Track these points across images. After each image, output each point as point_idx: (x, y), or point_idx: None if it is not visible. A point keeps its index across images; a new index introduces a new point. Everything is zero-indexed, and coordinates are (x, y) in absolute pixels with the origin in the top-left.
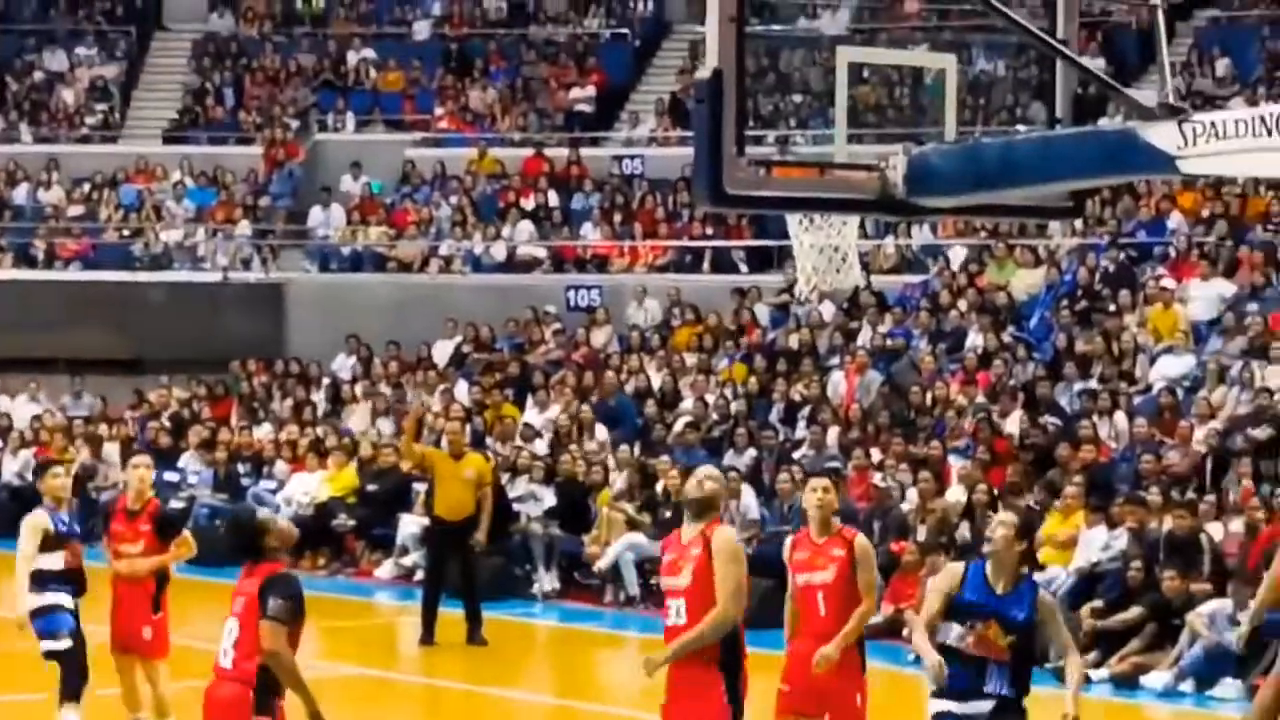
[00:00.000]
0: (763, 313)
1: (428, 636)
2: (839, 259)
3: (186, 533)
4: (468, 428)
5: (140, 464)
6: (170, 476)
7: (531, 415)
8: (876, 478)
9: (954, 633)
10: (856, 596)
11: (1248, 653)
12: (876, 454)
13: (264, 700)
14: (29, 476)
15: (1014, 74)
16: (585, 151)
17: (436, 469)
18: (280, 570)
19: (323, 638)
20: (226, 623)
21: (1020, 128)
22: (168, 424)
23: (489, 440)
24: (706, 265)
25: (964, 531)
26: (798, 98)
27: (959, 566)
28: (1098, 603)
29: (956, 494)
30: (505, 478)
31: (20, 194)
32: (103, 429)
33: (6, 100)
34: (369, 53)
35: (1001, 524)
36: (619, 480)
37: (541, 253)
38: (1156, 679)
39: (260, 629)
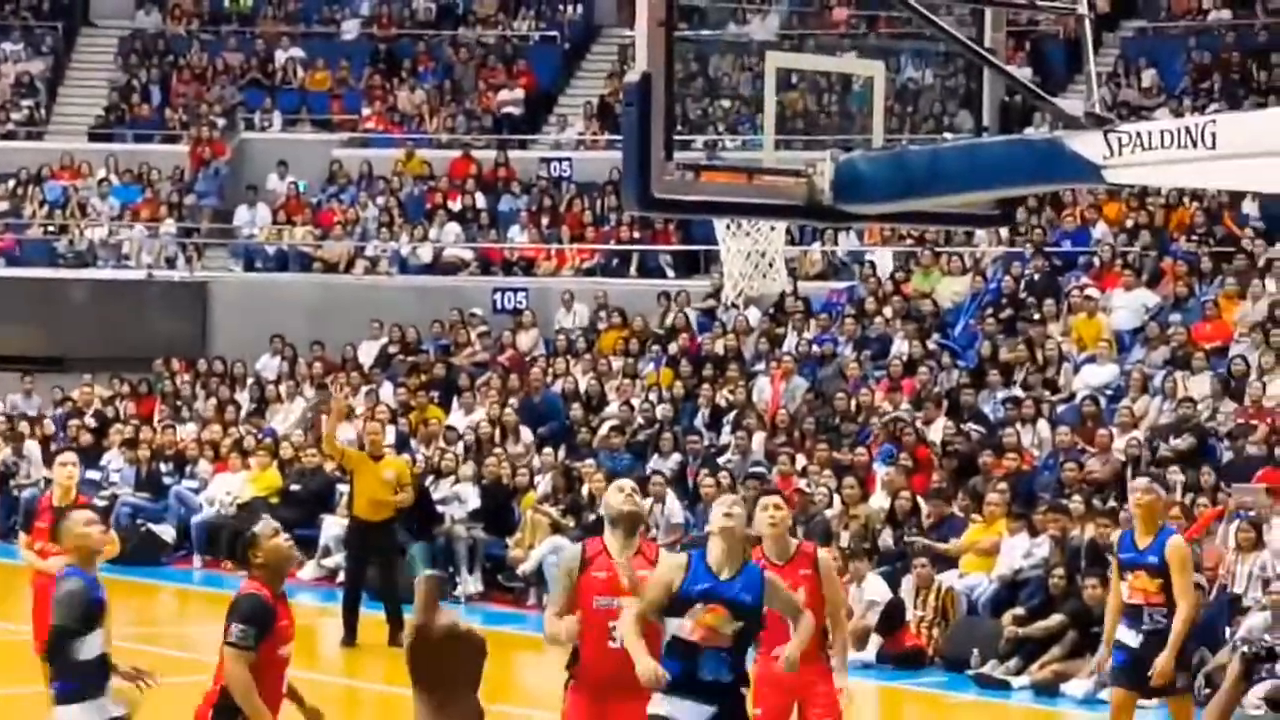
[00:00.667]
0: (689, 318)
1: (349, 638)
2: (765, 264)
3: (111, 532)
4: (392, 429)
5: (67, 462)
6: (93, 475)
7: (456, 418)
8: (801, 483)
9: (675, 624)
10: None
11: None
12: (801, 460)
13: None
14: None
15: (941, 82)
16: (513, 154)
17: (356, 470)
18: (250, 591)
19: None
20: None
21: (948, 136)
22: (91, 422)
23: (413, 442)
24: (633, 269)
25: (886, 538)
26: (726, 103)
27: (681, 557)
28: (1019, 610)
29: (880, 500)
30: (429, 480)
31: None
32: (24, 426)
33: None
34: (297, 52)
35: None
36: (543, 483)
37: (468, 255)
38: (1077, 686)
39: (222, 653)
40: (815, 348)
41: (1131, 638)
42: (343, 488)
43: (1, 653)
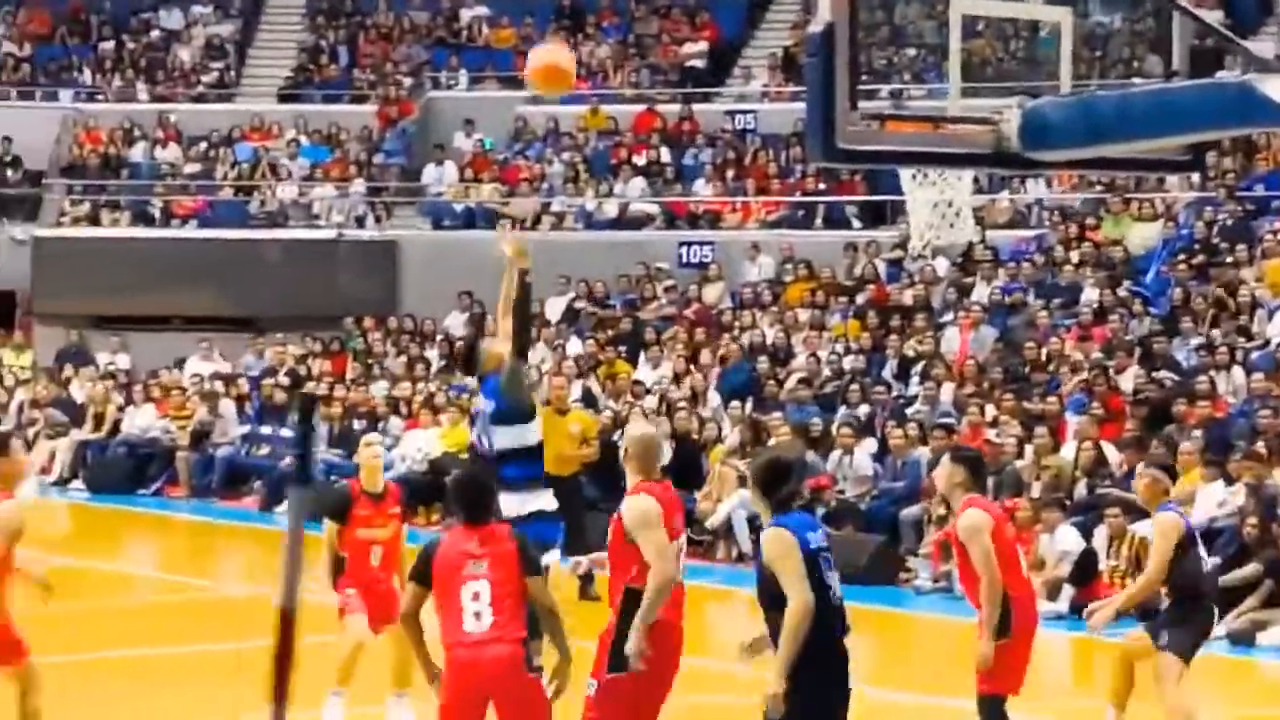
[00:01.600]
0: (876, 268)
1: None
2: (952, 214)
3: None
4: (579, 384)
5: (372, 442)
6: (285, 433)
7: (644, 372)
8: (990, 434)
9: None
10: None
11: None
12: (991, 410)
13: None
14: (152, 433)
15: (1130, 26)
16: (698, 107)
17: (542, 426)
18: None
19: None
20: (467, 586)
21: (1137, 81)
22: (284, 381)
23: (600, 397)
24: (819, 221)
25: (1080, 488)
26: (911, 51)
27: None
28: (1215, 559)
29: (1071, 451)
30: (617, 434)
31: (137, 153)
32: (218, 386)
33: (123, 59)
34: (482, 9)
35: None
36: (731, 437)
37: (654, 209)
38: (1274, 635)
39: (533, 585)
40: (1006, 297)
41: None
42: None
43: (198, 610)
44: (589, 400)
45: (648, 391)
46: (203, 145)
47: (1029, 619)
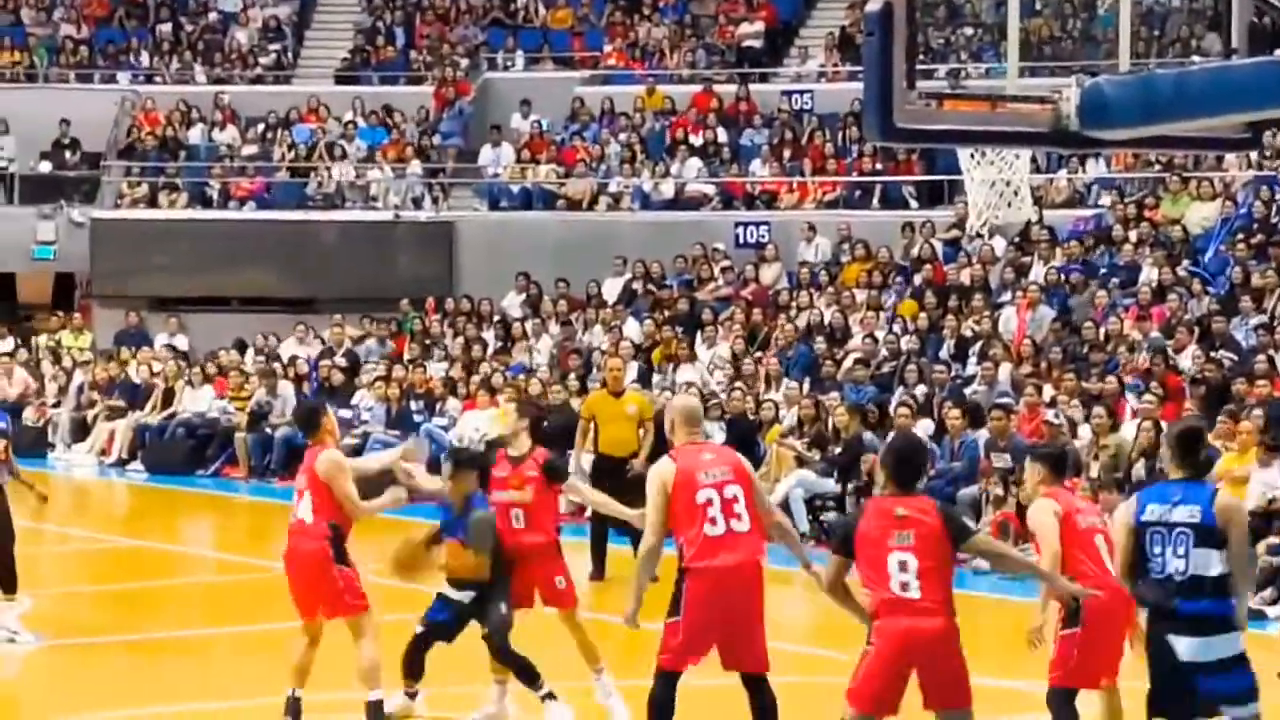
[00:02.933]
0: (933, 248)
1: (597, 572)
2: (1010, 193)
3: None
4: (635, 365)
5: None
6: (344, 413)
7: (700, 352)
8: (1049, 414)
9: None
10: None
11: None
12: (1049, 390)
13: None
14: (210, 414)
15: (1188, 4)
16: (754, 87)
17: (598, 408)
18: None
19: None
20: (895, 556)
21: (1195, 59)
22: (342, 361)
23: (657, 377)
24: (876, 201)
25: (1139, 469)
26: (969, 30)
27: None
28: (1274, 539)
29: (1130, 430)
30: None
31: (195, 135)
32: (276, 367)
33: (181, 41)
34: None
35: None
36: (788, 417)
37: (710, 189)
38: None
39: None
40: (1066, 277)
41: None
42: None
43: (256, 590)
44: (645, 380)
45: (706, 372)
46: (260, 127)
47: (1109, 613)
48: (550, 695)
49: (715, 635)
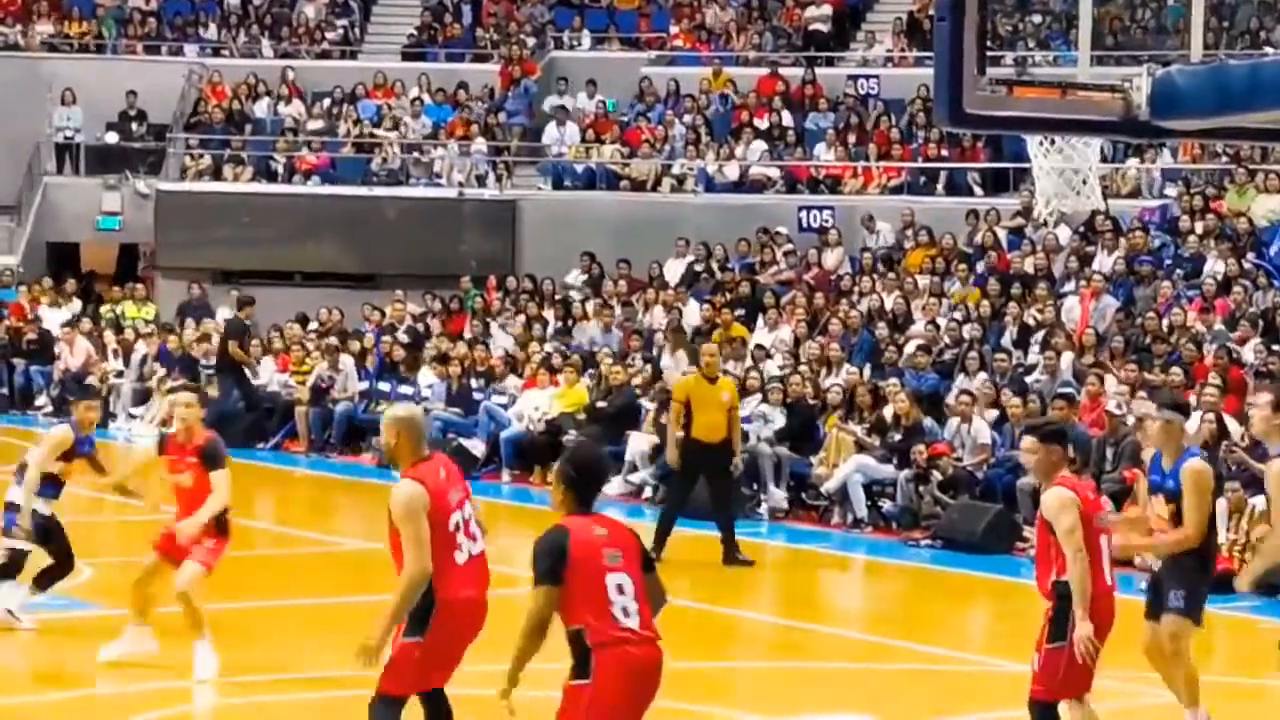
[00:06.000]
0: (997, 236)
1: (657, 552)
2: (1079, 181)
3: None
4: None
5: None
6: (405, 390)
7: (761, 335)
8: (1110, 404)
9: None
10: (1051, 559)
11: None
12: (1111, 381)
13: None
14: (271, 387)
15: None
16: (820, 71)
17: (693, 393)
18: None
19: None
20: (611, 578)
21: (1269, 50)
22: (403, 338)
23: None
24: (941, 187)
25: None
26: (1037, 18)
27: None
28: None
29: (1192, 422)
30: None
31: (260, 108)
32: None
33: (248, 15)
34: None
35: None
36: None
37: (774, 173)
38: None
39: (654, 583)
40: (1134, 267)
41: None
42: (648, 405)
43: (316, 564)
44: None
45: (767, 355)
46: (326, 102)
47: (1100, 626)
48: None
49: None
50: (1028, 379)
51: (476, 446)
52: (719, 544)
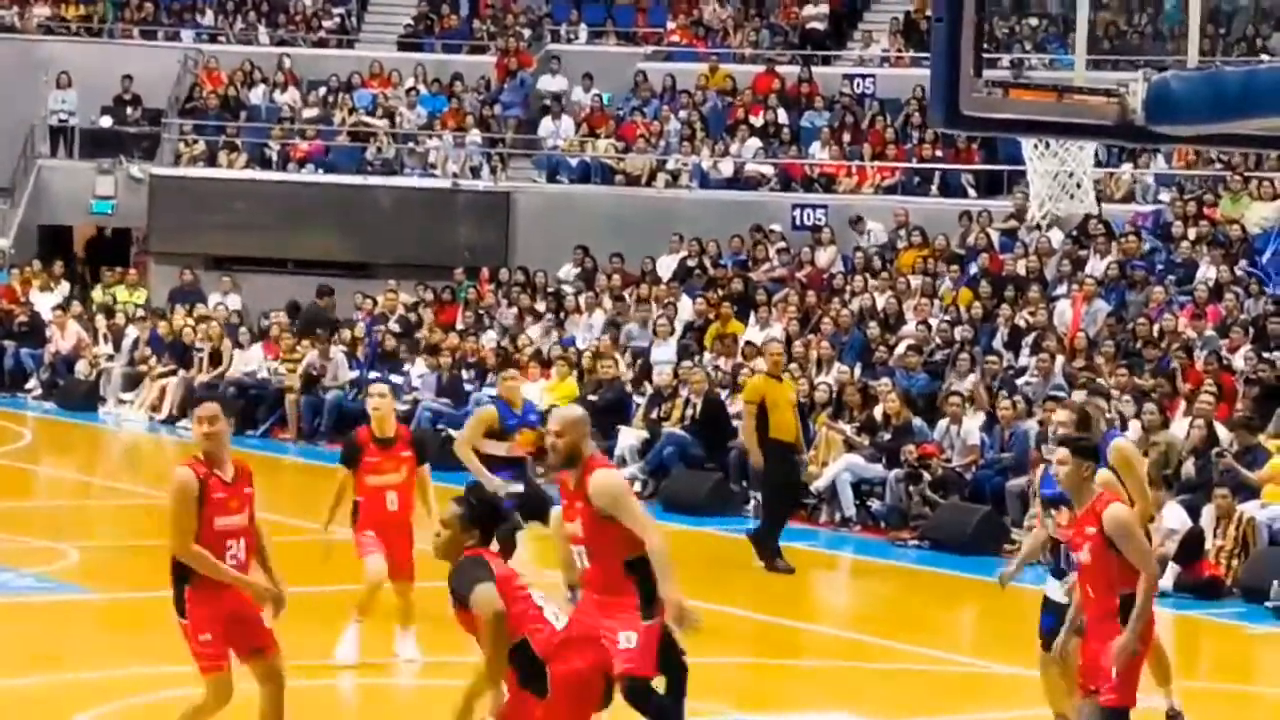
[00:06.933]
0: (990, 238)
1: (771, 561)
2: (1073, 185)
3: None
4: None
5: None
6: (395, 379)
7: (753, 332)
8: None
9: None
10: (1113, 576)
11: None
12: (1102, 385)
13: None
14: (260, 374)
15: (1256, 3)
16: (816, 70)
17: (768, 394)
18: None
19: (532, 543)
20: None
21: (1265, 57)
22: (395, 328)
23: (707, 356)
24: (935, 188)
25: (1188, 467)
26: (1033, 21)
27: None
28: None
29: (1181, 428)
30: (724, 394)
31: (256, 95)
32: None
33: (245, 2)
34: None
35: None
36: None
37: (769, 170)
38: None
39: None
40: (1127, 271)
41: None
42: (639, 399)
43: (303, 552)
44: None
45: (758, 352)
46: (321, 90)
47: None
48: None
49: None
50: (1018, 381)
51: None
52: (725, 542)
